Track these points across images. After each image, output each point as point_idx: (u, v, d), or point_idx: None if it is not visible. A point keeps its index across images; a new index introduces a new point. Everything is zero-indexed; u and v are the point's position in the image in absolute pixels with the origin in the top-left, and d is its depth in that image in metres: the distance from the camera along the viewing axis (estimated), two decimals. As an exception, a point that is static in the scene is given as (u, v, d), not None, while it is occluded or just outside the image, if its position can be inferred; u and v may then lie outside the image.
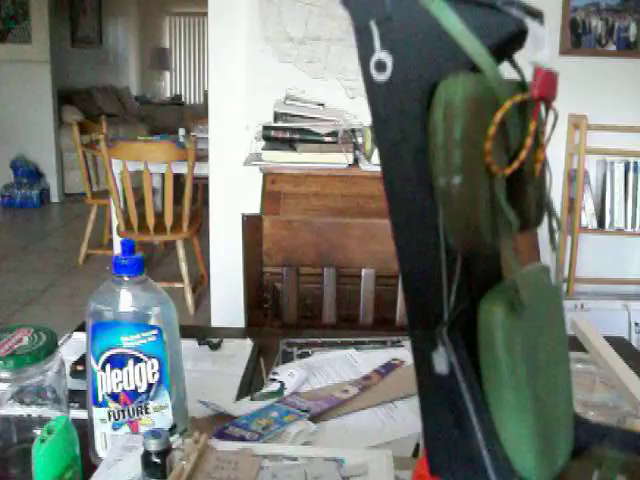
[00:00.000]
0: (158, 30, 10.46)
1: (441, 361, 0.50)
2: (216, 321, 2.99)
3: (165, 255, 4.91)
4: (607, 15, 2.89)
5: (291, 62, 2.78)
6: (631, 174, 2.93)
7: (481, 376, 0.51)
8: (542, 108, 0.49)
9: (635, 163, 2.94)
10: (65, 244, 5.31)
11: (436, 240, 0.49)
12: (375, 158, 2.40)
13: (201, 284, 4.11)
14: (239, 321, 1.63)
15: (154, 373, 0.81)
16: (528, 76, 0.50)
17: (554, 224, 0.54)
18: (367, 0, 0.48)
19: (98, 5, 8.53)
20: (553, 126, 0.49)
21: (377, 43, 0.48)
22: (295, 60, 2.77)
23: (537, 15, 0.47)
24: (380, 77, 0.48)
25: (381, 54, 0.47)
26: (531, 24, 0.46)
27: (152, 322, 0.81)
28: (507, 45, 0.48)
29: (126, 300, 0.81)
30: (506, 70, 0.50)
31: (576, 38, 2.89)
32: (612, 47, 2.90)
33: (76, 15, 7.92)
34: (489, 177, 0.46)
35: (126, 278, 0.81)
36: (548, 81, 0.47)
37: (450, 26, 0.46)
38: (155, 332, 0.81)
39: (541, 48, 0.46)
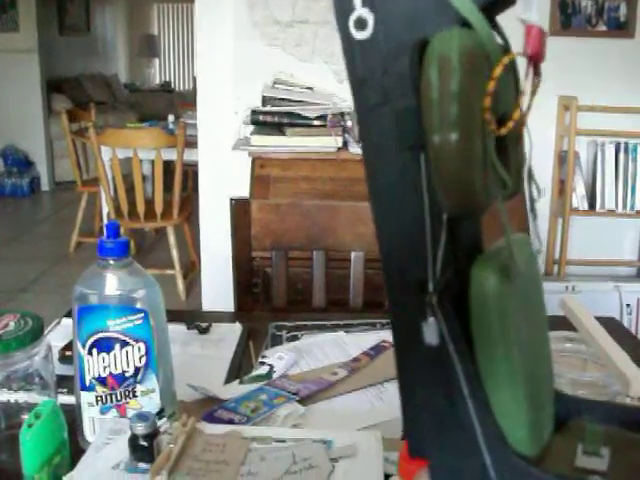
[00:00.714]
0: (146, 17, 10.38)
1: (432, 332, 0.48)
2: (207, 307, 2.99)
3: (156, 242, 4.90)
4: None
5: (279, 46, 2.76)
6: (622, 155, 2.93)
7: (472, 347, 0.50)
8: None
9: (626, 144, 2.93)
10: (56, 232, 5.29)
11: (419, 203, 0.48)
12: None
13: (192, 270, 4.11)
14: (230, 306, 1.63)
15: (141, 356, 0.81)
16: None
17: (534, 192, 0.53)
18: None
19: (85, -8, 8.46)
20: (534, 92, 0.48)
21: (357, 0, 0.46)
22: (283, 44, 2.75)
23: None
24: (360, 35, 0.46)
25: (362, 10, 0.45)
26: None
27: (138, 305, 0.80)
28: (496, 4, 0.46)
29: (112, 283, 0.80)
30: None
31: (566, 18, 2.88)
32: (602, 27, 2.89)
33: (63, 3, 7.84)
34: (483, 135, 0.45)
35: (111, 261, 0.80)
36: (538, 39, 0.46)
37: None
38: (141, 315, 0.80)
39: (529, 9, 0.45)
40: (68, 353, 1.05)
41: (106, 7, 9.23)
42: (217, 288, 2.78)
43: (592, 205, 2.95)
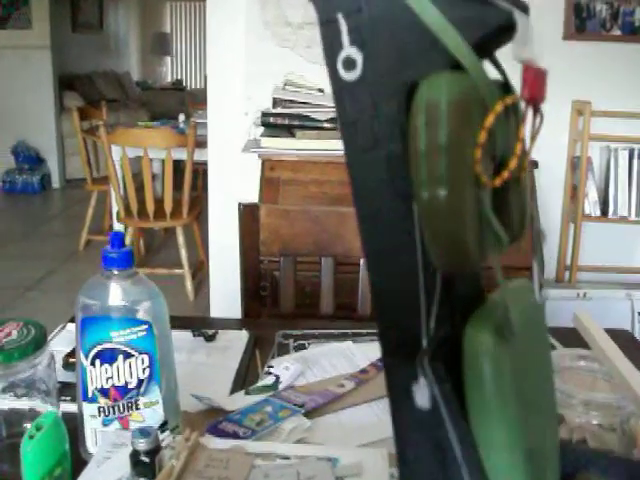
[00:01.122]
0: (159, 15, 10.39)
1: (423, 394, 0.45)
2: (215, 308, 2.98)
3: (165, 241, 4.90)
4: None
5: (290, 47, 2.74)
6: (635, 161, 2.89)
7: (466, 409, 0.46)
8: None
9: None
10: (66, 230, 5.30)
11: (413, 256, 0.44)
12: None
13: (201, 270, 4.10)
14: (238, 308, 1.61)
15: (144, 368, 0.80)
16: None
17: (539, 236, 0.49)
18: None
19: (99, -10, 8.48)
20: (537, 132, 0.45)
21: (345, 38, 0.43)
22: (294, 45, 2.74)
23: (523, 8, 0.42)
24: (349, 76, 0.43)
25: (350, 50, 0.43)
26: (518, 17, 0.41)
27: (142, 317, 0.79)
28: (491, 41, 0.43)
29: (115, 294, 0.79)
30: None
31: (580, 22, 2.85)
32: (617, 32, 2.86)
33: (77, 0, 7.85)
34: (476, 188, 0.42)
35: (115, 271, 0.79)
36: (538, 81, 0.43)
37: (429, 19, 0.41)
38: (145, 327, 0.79)
39: (528, 44, 0.42)
40: (72, 360, 1.04)
41: (119, 5, 9.24)
42: (225, 289, 2.77)
43: (604, 211, 2.92)
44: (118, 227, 4.07)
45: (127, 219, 3.72)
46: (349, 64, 0.43)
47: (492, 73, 0.46)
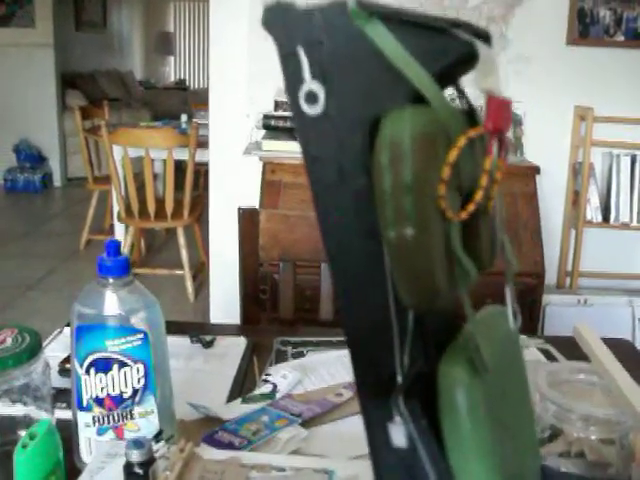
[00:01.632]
0: (162, 14, 10.39)
1: (399, 433, 0.44)
2: (215, 310, 2.97)
3: (166, 241, 4.89)
4: (615, 5, 2.84)
5: (293, 50, 2.73)
6: (637, 167, 2.88)
7: (443, 443, 0.45)
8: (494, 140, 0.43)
9: (642, 156, 2.89)
10: (67, 229, 5.29)
11: (384, 294, 0.43)
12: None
13: (201, 271, 4.09)
14: (237, 311, 1.61)
15: (140, 378, 0.79)
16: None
17: (510, 263, 0.48)
18: (293, 22, 0.41)
19: (102, -12, 8.48)
20: (500, 167, 0.44)
21: (306, 71, 0.41)
22: (297, 48, 2.73)
23: (485, 37, 0.41)
24: (312, 110, 0.41)
25: (312, 84, 0.41)
26: (481, 47, 0.40)
27: (138, 325, 0.78)
28: (453, 70, 0.42)
29: (111, 303, 0.78)
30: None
31: (584, 28, 2.84)
32: (620, 37, 2.85)
33: (80, -1, 7.87)
34: (443, 223, 0.41)
35: (111, 280, 0.78)
36: (501, 111, 0.41)
37: (389, 51, 0.40)
38: (141, 336, 0.78)
39: (491, 73, 0.41)
40: (68, 366, 1.03)
41: (123, 3, 9.25)
42: (226, 291, 2.77)
43: (606, 217, 2.91)
44: (119, 227, 4.07)
45: (128, 219, 3.72)
46: (311, 98, 0.41)
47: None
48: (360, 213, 0.43)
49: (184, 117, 4.53)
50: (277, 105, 2.48)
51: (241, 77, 2.80)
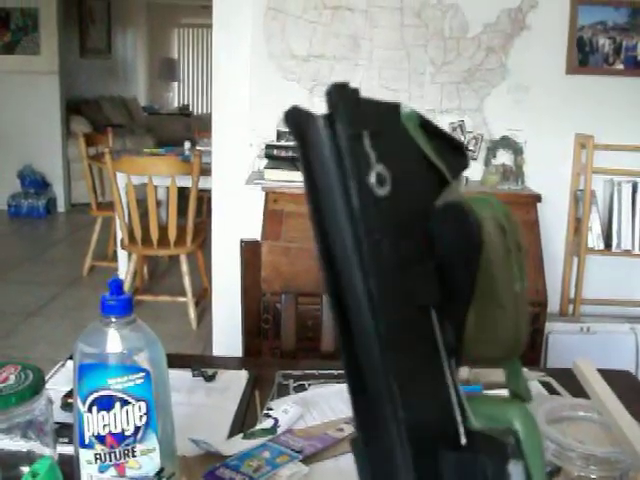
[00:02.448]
0: (167, 41, 10.49)
1: (518, 473, 0.46)
2: (218, 337, 2.97)
3: (169, 268, 4.90)
4: (614, 34, 2.86)
5: (295, 80, 2.76)
6: (638, 194, 2.89)
7: None
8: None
9: (643, 183, 2.91)
10: (70, 255, 5.31)
11: (441, 367, 0.46)
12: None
13: (204, 298, 4.09)
14: (239, 341, 1.61)
15: (141, 416, 0.79)
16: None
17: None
18: (363, 107, 0.44)
19: (107, 16, 8.56)
20: None
21: (373, 156, 0.44)
22: (299, 78, 2.76)
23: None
24: (381, 191, 0.44)
25: (378, 167, 0.44)
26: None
27: (140, 364, 0.79)
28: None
29: (113, 341, 0.79)
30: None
31: (583, 56, 2.87)
32: (619, 66, 2.87)
33: (85, 26, 7.94)
34: None
35: (114, 319, 0.79)
36: None
37: (429, 153, 0.46)
38: (143, 374, 0.79)
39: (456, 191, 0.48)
40: (70, 400, 1.04)
41: (127, 30, 9.34)
42: (228, 321, 2.77)
43: (608, 245, 2.91)
44: (122, 253, 4.07)
45: (131, 246, 3.73)
46: (380, 180, 0.44)
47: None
48: (413, 289, 0.46)
49: (187, 144, 4.55)
50: (279, 135, 2.50)
51: (244, 106, 2.83)
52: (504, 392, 0.51)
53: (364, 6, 2.71)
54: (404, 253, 0.45)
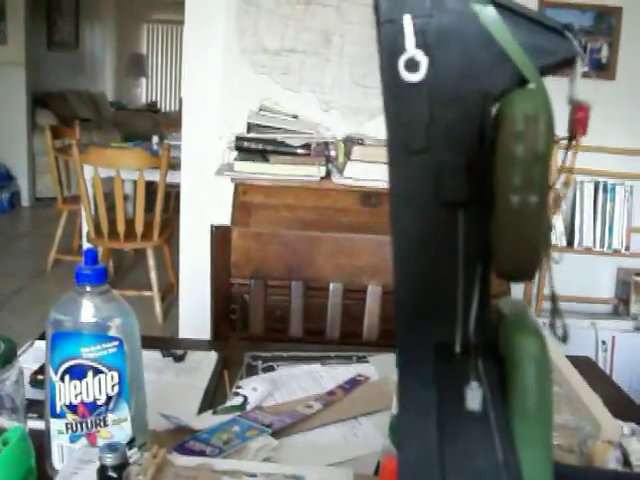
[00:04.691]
0: (135, 36, 10.41)
1: (475, 397, 0.45)
2: (184, 331, 2.97)
3: (135, 263, 4.87)
4: (580, 36, 2.92)
5: (266, 73, 2.78)
6: (600, 194, 2.96)
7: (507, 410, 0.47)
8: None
9: (604, 183, 2.97)
10: (34, 249, 5.24)
11: (455, 264, 0.45)
12: (348, 171, 2.40)
13: (170, 293, 4.08)
14: (206, 332, 1.62)
15: (114, 385, 0.80)
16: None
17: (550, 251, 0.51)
18: None
19: (75, 9, 8.47)
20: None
21: (410, 40, 0.43)
22: (270, 72, 2.77)
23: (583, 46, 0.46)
24: (411, 77, 0.43)
25: (414, 52, 0.43)
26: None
27: (113, 333, 0.80)
28: (550, 69, 0.45)
29: (87, 310, 0.79)
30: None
31: (549, 59, 2.92)
32: (584, 68, 2.93)
33: (53, 18, 7.85)
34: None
35: (88, 288, 0.80)
36: (587, 119, 0.46)
37: (500, 37, 0.43)
38: (116, 343, 0.79)
39: (574, 81, 0.45)
40: (40, 377, 1.04)
41: (95, 24, 9.25)
42: (195, 312, 2.77)
43: (570, 242, 2.98)
44: (87, 247, 4.04)
45: (97, 239, 3.70)
46: (412, 66, 0.43)
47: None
48: (440, 184, 0.44)
49: (155, 138, 4.53)
50: (250, 127, 2.51)
51: (214, 100, 2.83)
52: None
53: (336, 2, 2.74)
54: (430, 144, 0.44)
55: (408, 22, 0.43)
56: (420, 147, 0.44)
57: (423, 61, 0.43)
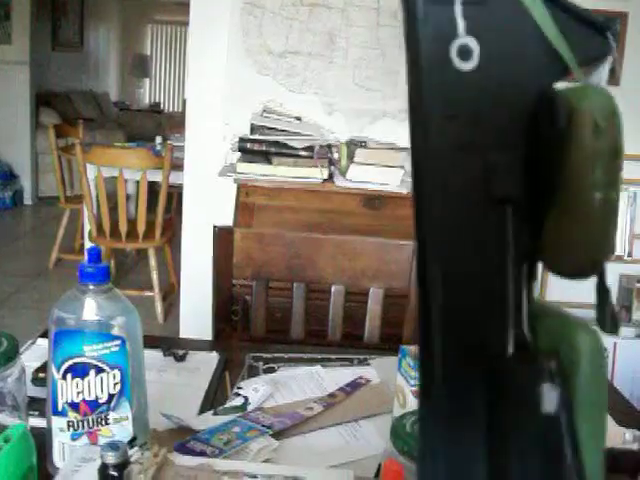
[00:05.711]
0: (140, 37, 10.42)
1: (552, 399, 0.43)
2: (185, 331, 2.97)
3: (136, 263, 4.87)
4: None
5: (270, 75, 2.78)
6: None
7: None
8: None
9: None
10: (36, 247, 5.25)
11: (505, 262, 0.44)
12: (350, 174, 2.40)
13: (171, 293, 4.08)
14: (207, 332, 1.62)
15: (116, 384, 0.80)
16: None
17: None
18: None
19: (80, 10, 8.48)
20: None
21: (461, 26, 0.41)
22: (274, 73, 2.77)
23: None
24: (464, 65, 0.41)
25: (466, 39, 0.41)
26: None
27: (116, 332, 0.80)
28: (585, 63, 0.45)
29: (90, 309, 0.80)
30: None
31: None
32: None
33: (58, 19, 7.86)
34: None
35: (91, 286, 0.80)
36: None
37: (547, 29, 0.43)
38: (118, 342, 0.80)
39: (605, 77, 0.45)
40: (41, 375, 1.04)
41: (100, 25, 9.26)
42: (196, 313, 2.77)
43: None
44: (91, 245, 4.03)
45: (99, 239, 3.70)
46: (464, 53, 0.41)
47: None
48: (489, 180, 0.43)
49: (159, 139, 4.53)
50: (253, 129, 2.51)
51: (218, 100, 2.83)
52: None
53: (341, 5, 2.74)
54: (478, 137, 0.42)
55: (459, 9, 0.41)
56: (465, 142, 0.42)
57: (476, 49, 0.41)
